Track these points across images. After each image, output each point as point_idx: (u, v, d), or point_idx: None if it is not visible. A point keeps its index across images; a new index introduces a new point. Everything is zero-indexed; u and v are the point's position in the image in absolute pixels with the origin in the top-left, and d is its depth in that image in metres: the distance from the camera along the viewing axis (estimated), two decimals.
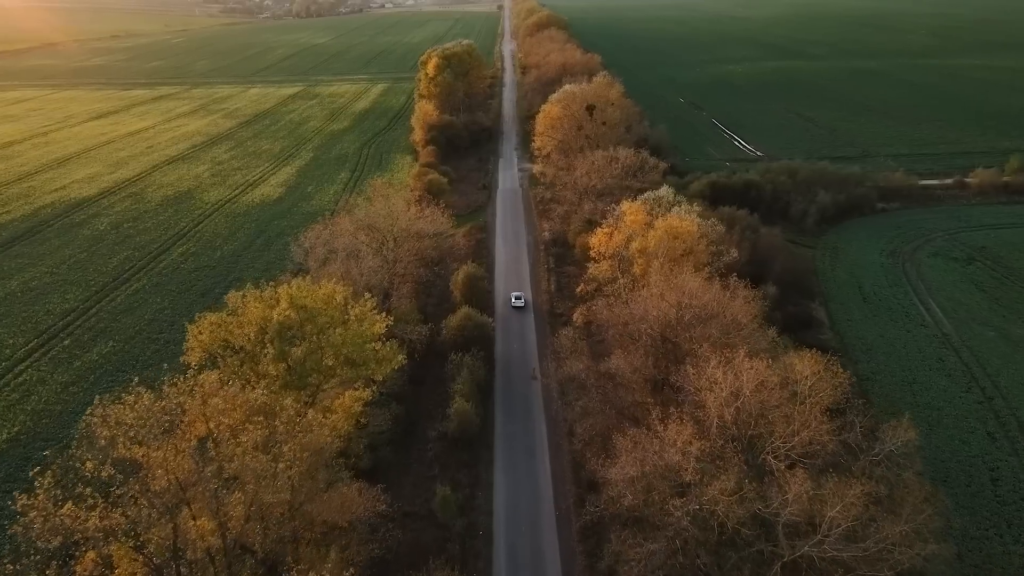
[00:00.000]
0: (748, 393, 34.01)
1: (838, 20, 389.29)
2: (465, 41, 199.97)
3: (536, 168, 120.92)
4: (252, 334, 39.66)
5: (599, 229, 66.88)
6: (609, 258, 66.26)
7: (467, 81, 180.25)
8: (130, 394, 33.17)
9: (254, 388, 35.26)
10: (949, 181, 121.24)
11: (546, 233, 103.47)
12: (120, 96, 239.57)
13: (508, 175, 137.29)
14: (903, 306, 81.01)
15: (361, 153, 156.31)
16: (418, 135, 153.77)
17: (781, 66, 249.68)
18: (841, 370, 37.51)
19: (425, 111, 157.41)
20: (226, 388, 33.43)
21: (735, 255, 59.67)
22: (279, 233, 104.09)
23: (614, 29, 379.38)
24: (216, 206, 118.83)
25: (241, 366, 39.67)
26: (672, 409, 38.27)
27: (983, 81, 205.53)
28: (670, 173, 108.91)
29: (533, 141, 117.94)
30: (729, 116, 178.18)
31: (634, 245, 61.55)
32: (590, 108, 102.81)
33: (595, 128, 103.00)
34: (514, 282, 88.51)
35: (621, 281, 62.62)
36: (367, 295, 47.54)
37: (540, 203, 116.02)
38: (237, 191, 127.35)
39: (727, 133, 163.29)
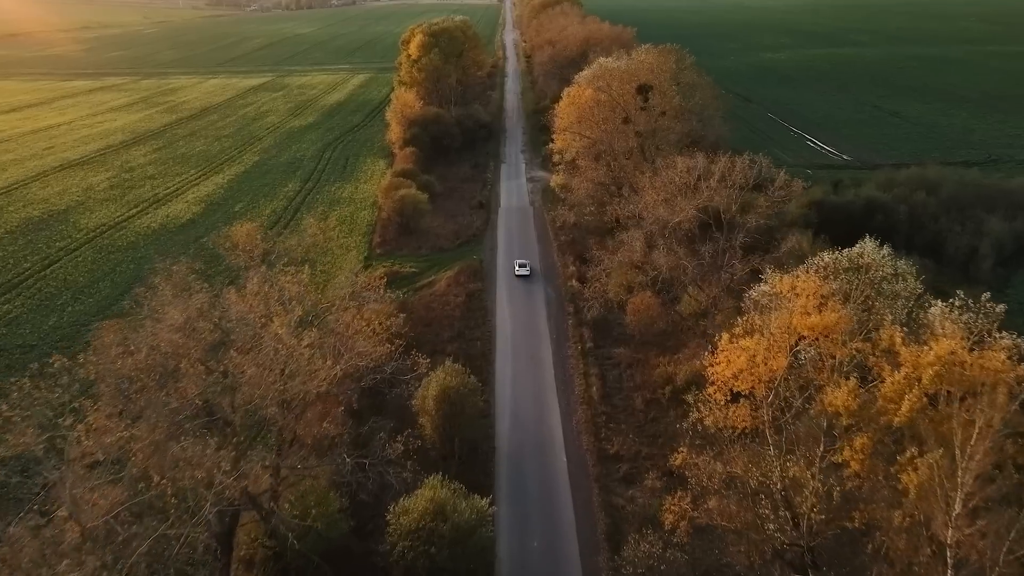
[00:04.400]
0: None
1: (868, 8, 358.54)
2: (459, 17, 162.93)
3: (555, 179, 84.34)
4: None
5: (725, 338, 30.08)
6: (748, 398, 29.76)
7: (461, 66, 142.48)
8: None
9: None
10: None
11: (573, 282, 66.90)
12: (54, 87, 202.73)
13: (514, 187, 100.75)
14: None
15: (322, 156, 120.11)
16: (395, 133, 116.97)
17: (830, 53, 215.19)
18: None
19: (405, 102, 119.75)
20: None
21: None
22: None
23: (624, 18, 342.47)
24: (93, 233, 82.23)
25: None
26: None
27: None
28: None
29: (552, 140, 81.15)
30: (787, 110, 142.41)
31: (836, 397, 24.97)
32: (643, 90, 66.11)
33: (650, 120, 66.34)
34: (530, 383, 52.04)
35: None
36: None
37: (562, 231, 79.37)
38: (135, 210, 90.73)
39: (794, 131, 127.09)
